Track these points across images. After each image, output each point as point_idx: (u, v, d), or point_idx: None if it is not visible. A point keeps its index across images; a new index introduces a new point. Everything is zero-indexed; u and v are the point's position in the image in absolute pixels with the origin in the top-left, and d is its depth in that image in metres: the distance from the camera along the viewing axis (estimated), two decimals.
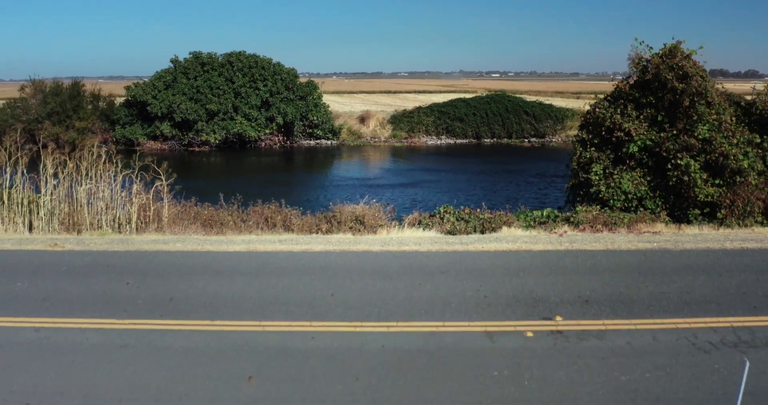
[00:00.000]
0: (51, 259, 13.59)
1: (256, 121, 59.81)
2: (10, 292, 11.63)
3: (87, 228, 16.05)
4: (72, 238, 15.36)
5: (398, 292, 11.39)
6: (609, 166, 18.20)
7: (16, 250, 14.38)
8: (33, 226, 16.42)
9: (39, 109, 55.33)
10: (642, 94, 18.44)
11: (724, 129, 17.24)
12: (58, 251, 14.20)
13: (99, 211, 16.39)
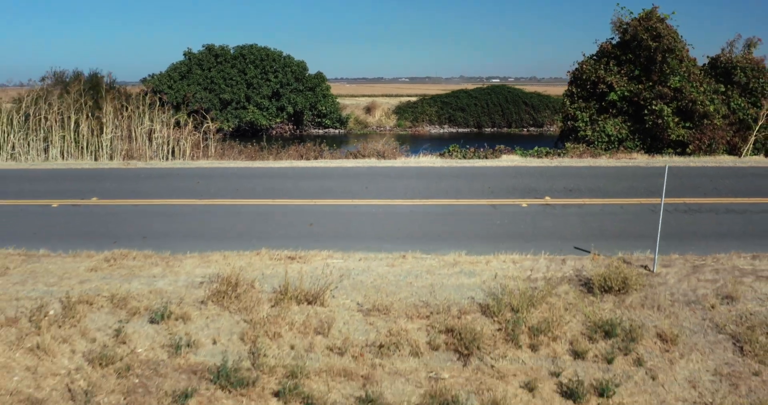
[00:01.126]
0: (126, 173, 16.30)
1: (267, 110, 62.64)
2: (108, 191, 14.35)
3: (146, 159, 18.78)
4: (137, 162, 18.12)
5: (419, 185, 14.14)
6: (594, 114, 20.93)
7: (98, 168, 17.14)
8: (97, 157, 19.17)
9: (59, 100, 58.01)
10: (622, 52, 21.20)
11: (693, 79, 19.99)
12: (131, 168, 16.98)
13: (155, 147, 19.14)
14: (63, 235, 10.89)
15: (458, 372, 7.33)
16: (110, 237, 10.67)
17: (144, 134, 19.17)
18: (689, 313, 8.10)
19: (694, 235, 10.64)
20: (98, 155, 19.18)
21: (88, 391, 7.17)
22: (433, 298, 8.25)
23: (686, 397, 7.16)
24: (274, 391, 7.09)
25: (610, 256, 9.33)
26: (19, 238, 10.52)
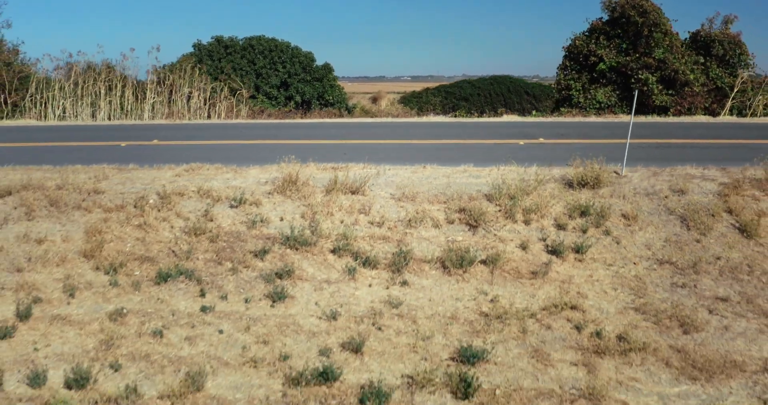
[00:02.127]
0: (175, 126, 18.63)
1: (276, 99, 64.94)
2: (165, 136, 16.64)
3: (186, 120, 21.11)
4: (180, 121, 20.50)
5: (431, 132, 16.47)
6: (586, 83, 23.21)
7: (148, 124, 19.49)
8: (140, 118, 21.51)
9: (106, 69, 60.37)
10: (611, 28, 23.46)
11: (675, 51, 22.26)
12: (177, 123, 19.33)
13: (193, 110, 21.47)
14: (139, 163, 13.19)
15: (469, 237, 9.64)
16: (179, 163, 12.96)
17: (183, 98, 21.51)
18: (647, 201, 10.40)
19: (660, 159, 12.92)
20: (141, 117, 21.51)
21: (188, 251, 9.48)
22: (448, 190, 10.55)
23: (642, 255, 9.46)
24: (331, 249, 9.40)
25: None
26: (107, 161, 12.79)
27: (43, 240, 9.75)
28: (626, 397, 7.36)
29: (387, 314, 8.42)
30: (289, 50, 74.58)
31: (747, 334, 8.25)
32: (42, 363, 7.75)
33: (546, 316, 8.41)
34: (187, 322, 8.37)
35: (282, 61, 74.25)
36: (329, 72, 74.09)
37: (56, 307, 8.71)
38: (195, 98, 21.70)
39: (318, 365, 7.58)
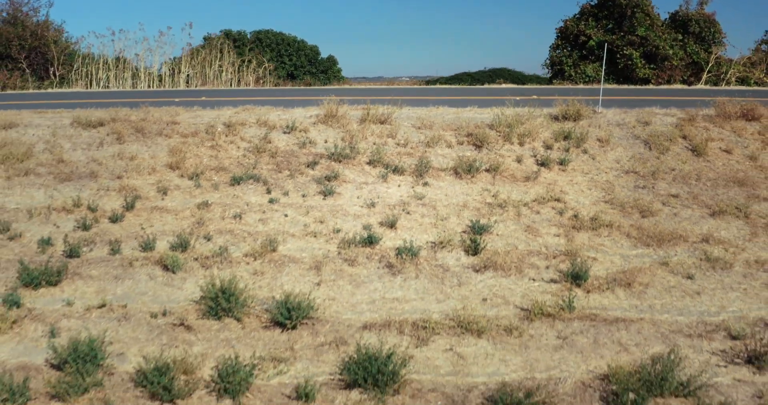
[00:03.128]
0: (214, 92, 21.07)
1: None
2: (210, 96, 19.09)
3: (221, 87, 23.59)
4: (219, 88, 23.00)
5: (436, 93, 18.93)
6: (576, 60, 25.72)
7: (187, 90, 21.92)
8: (176, 87, 23.97)
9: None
10: (599, 10, 25.99)
11: (656, 29, 24.78)
12: (215, 89, 21.78)
13: (224, 81, 23.97)
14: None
15: (475, 154, 12.13)
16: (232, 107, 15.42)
17: (215, 71, 24.00)
18: (618, 130, 12.91)
19: (633, 106, 15.41)
20: (177, 86, 23.97)
21: (253, 163, 11.95)
22: (457, 122, 13.04)
23: (612, 167, 11.96)
24: (366, 161, 11.88)
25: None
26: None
27: (134, 157, 12.21)
28: (596, 255, 9.86)
29: (413, 204, 10.91)
30: (296, 44, 77.37)
31: (691, 218, 10.75)
32: (149, 236, 10.22)
33: (536, 205, 10.91)
34: (259, 210, 10.85)
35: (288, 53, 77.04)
36: (334, 64, 76.86)
37: (153, 202, 11.17)
38: (225, 70, 24.17)
39: (363, 234, 10.07)
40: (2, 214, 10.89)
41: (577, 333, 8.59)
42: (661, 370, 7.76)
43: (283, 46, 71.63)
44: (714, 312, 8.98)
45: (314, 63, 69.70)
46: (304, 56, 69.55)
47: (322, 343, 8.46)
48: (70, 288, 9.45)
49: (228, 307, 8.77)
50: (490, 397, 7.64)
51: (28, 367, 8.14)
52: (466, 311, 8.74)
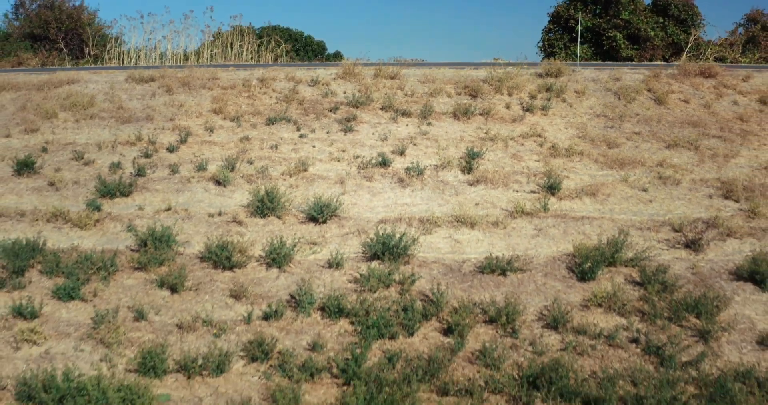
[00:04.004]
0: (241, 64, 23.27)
1: None
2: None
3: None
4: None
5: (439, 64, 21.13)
6: (567, 42, 27.94)
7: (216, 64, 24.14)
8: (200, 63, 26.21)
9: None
10: None
11: (639, 13, 26.99)
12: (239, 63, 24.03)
13: (245, 59, 26.20)
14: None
15: (471, 102, 14.33)
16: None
17: (237, 51, 26.22)
18: (593, 84, 15.12)
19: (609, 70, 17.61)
20: (202, 63, 26.20)
21: (284, 109, 14.16)
22: (456, 78, 15.26)
23: (586, 112, 14.17)
24: (379, 107, 14.10)
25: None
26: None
27: (183, 104, 14.43)
28: (568, 174, 12.06)
29: (419, 138, 13.12)
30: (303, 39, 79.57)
31: (650, 149, 12.94)
32: (202, 160, 12.42)
33: (520, 140, 13.13)
34: (291, 143, 13.06)
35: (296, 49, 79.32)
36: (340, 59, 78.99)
37: (202, 137, 13.39)
38: (246, 50, 26.40)
39: (378, 159, 12.28)
40: (75, 147, 13.10)
41: (550, 226, 10.81)
42: (613, 248, 9.98)
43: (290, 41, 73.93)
44: (662, 214, 11.19)
45: (321, 58, 72.01)
46: (311, 51, 71.82)
47: (347, 233, 10.68)
48: (140, 198, 11.68)
49: (271, 207, 10.99)
50: (479, 265, 9.87)
51: (112, 251, 10.36)
52: (462, 211, 10.96)
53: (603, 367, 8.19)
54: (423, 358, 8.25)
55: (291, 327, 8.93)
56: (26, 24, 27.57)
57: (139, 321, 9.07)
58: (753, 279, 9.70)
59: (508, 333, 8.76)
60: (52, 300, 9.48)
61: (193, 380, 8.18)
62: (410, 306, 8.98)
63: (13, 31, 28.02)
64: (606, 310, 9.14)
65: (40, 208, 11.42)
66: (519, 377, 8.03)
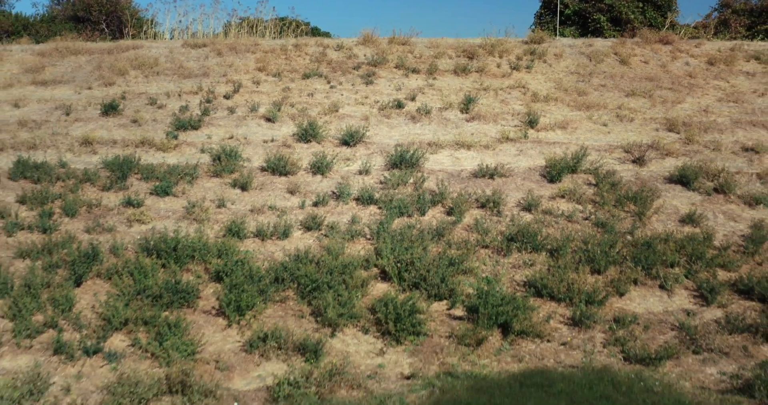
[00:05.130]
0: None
1: None
2: None
3: None
4: None
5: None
6: (557, 25, 31.08)
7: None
8: None
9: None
10: None
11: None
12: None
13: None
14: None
15: (468, 61, 17.44)
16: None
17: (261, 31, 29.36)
18: (569, 49, 18.26)
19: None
20: None
21: (316, 68, 17.27)
22: (456, 44, 18.38)
23: (563, 70, 17.28)
24: (393, 66, 17.21)
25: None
26: None
27: (232, 64, 17.56)
28: (545, 114, 15.19)
29: (426, 88, 16.26)
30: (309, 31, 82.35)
31: (612, 97, 16.05)
32: (253, 104, 15.52)
33: (508, 89, 16.26)
34: (323, 92, 16.19)
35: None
36: None
37: (251, 89, 16.50)
38: (269, 30, 29.51)
39: (393, 103, 15.40)
40: (148, 95, 16.22)
41: (528, 148, 13.96)
42: (575, 160, 13.12)
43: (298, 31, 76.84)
44: (617, 141, 14.32)
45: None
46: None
47: (372, 152, 13.82)
48: (206, 131, 14.80)
49: (313, 134, 14.13)
50: (473, 172, 13.02)
51: (192, 165, 13.46)
52: (461, 138, 14.11)
53: (562, 233, 11.32)
54: (432, 228, 11.38)
55: (334, 210, 12.08)
56: (69, 7, 30.70)
57: (220, 208, 12.21)
58: (681, 182, 12.84)
59: (494, 213, 11.91)
60: (151, 196, 12.61)
61: (266, 242, 11.32)
62: (422, 196, 12.12)
63: (58, 14, 31.13)
64: (567, 200, 12.28)
65: (128, 138, 14.55)
66: (501, 238, 11.17)
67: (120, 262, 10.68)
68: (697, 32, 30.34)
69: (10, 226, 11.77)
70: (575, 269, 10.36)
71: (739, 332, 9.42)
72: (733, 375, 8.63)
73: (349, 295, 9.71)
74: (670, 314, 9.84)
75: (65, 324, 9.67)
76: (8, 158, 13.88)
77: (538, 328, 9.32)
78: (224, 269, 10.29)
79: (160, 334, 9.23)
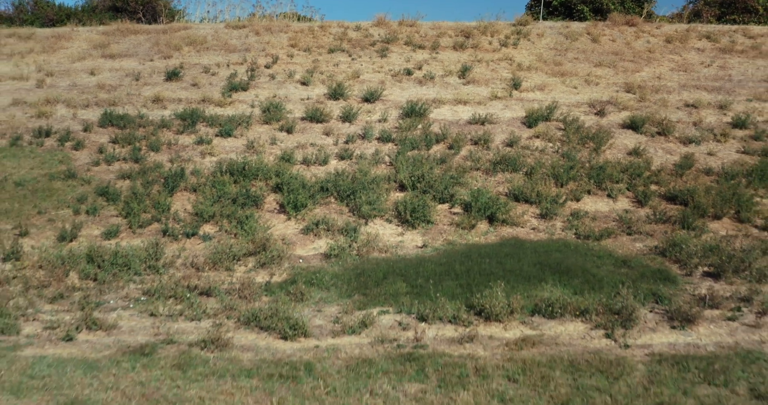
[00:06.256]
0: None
1: None
2: None
3: None
4: None
5: None
6: (545, 15, 34.62)
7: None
8: None
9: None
10: None
11: None
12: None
13: None
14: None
15: (465, 40, 20.98)
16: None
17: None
18: (549, 30, 21.79)
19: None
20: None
21: (338, 44, 20.79)
22: (455, 26, 21.92)
23: (544, 47, 20.83)
24: (403, 43, 20.74)
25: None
26: None
27: (269, 42, 21.07)
28: (527, 80, 18.71)
29: (430, 60, 19.79)
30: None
31: (578, 68, 19.58)
32: (290, 72, 19.02)
33: (497, 61, 19.80)
34: (346, 63, 19.71)
35: None
36: None
37: (286, 60, 20.02)
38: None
39: (404, 71, 18.92)
40: (202, 66, 19.71)
41: (512, 104, 17.49)
42: (549, 111, 16.65)
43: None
44: (584, 99, 17.85)
45: None
46: None
47: (388, 107, 17.35)
48: (254, 91, 18.30)
49: (340, 93, 17.65)
50: (468, 120, 16.56)
51: (246, 116, 16.93)
52: (458, 97, 17.63)
53: (535, 161, 14.84)
54: (437, 157, 14.90)
55: (361, 146, 15.61)
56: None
57: (272, 145, 15.73)
58: (632, 127, 16.36)
59: (484, 148, 15.43)
60: (216, 137, 16.11)
61: (310, 167, 14.83)
62: (428, 136, 15.64)
63: (98, 5, 34.62)
64: (541, 139, 15.81)
65: (190, 97, 18.05)
66: (489, 163, 14.69)
67: (201, 180, 14.19)
68: (672, 21, 33.92)
69: (109, 157, 15.29)
70: (544, 183, 13.86)
71: (662, 223, 12.92)
72: (653, 247, 12.12)
73: (377, 197, 13.23)
74: (612, 212, 13.36)
75: (166, 220, 13.17)
76: (94, 112, 17.39)
77: (515, 219, 12.82)
78: (282, 182, 13.80)
79: (240, 221, 12.74)
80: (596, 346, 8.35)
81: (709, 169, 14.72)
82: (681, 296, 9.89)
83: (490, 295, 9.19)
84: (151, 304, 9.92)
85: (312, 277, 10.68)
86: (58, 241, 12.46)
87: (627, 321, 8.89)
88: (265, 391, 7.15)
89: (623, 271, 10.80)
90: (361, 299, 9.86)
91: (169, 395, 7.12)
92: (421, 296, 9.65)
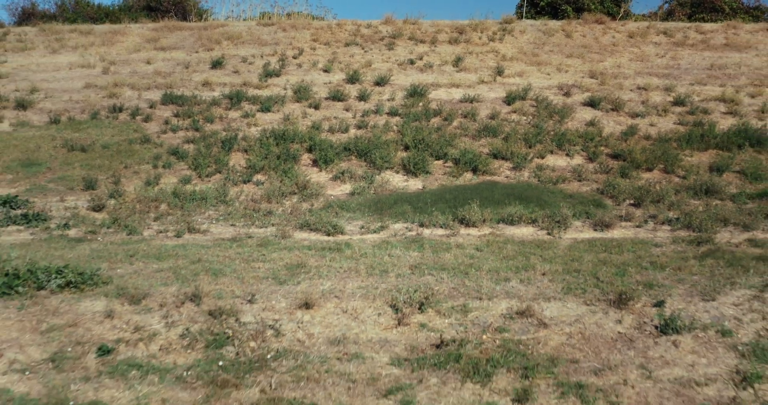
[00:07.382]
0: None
1: None
2: None
3: None
4: None
5: None
6: (534, 14, 38.64)
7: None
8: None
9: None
10: None
11: None
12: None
13: None
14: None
15: (459, 35, 25.01)
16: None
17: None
18: (530, 27, 25.84)
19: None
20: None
21: (354, 39, 24.84)
22: (451, 24, 25.96)
23: (525, 41, 24.88)
24: (407, 38, 24.80)
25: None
26: None
27: (294, 37, 25.12)
28: (509, 68, 22.75)
29: (430, 53, 23.84)
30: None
31: (556, 59, 23.62)
32: (314, 61, 23.07)
33: (485, 53, 23.85)
34: (360, 54, 23.76)
35: None
36: None
37: (310, 52, 24.07)
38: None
39: (409, 61, 22.97)
40: (239, 56, 23.76)
41: (496, 87, 21.55)
42: (525, 92, 20.69)
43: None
44: (552, 82, 21.87)
45: None
46: None
47: (395, 89, 21.40)
48: (285, 77, 22.36)
49: (356, 78, 21.70)
50: (460, 99, 20.62)
51: (280, 97, 20.99)
52: (452, 81, 21.68)
53: (512, 129, 18.85)
54: (434, 126, 18.94)
55: (374, 119, 19.64)
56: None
57: (303, 118, 19.76)
58: (591, 105, 20.38)
59: (472, 120, 19.46)
60: (258, 112, 20.15)
61: (335, 134, 18.85)
62: (428, 111, 19.67)
63: (134, 4, 38.69)
64: (518, 114, 19.84)
65: (233, 82, 22.11)
66: (475, 131, 18.72)
67: (251, 143, 18.25)
68: (646, 19, 37.92)
69: (174, 127, 19.35)
70: (516, 145, 17.89)
71: (605, 173, 16.91)
72: (596, 189, 16.13)
73: (387, 154, 17.28)
74: (569, 166, 17.37)
75: (226, 171, 17.21)
76: (155, 94, 21.45)
77: (493, 170, 16.86)
78: (314, 144, 17.85)
79: (284, 171, 16.79)
80: (539, 238, 12.40)
81: (649, 135, 18.75)
82: (607, 215, 13.92)
83: (469, 210, 13.24)
84: (229, 220, 13.98)
85: (342, 204, 14.73)
86: (145, 185, 16.50)
87: (563, 226, 12.92)
88: (321, 255, 11.20)
89: (568, 201, 14.83)
90: (378, 216, 13.91)
91: (258, 256, 11.18)
92: (421, 213, 13.69)
